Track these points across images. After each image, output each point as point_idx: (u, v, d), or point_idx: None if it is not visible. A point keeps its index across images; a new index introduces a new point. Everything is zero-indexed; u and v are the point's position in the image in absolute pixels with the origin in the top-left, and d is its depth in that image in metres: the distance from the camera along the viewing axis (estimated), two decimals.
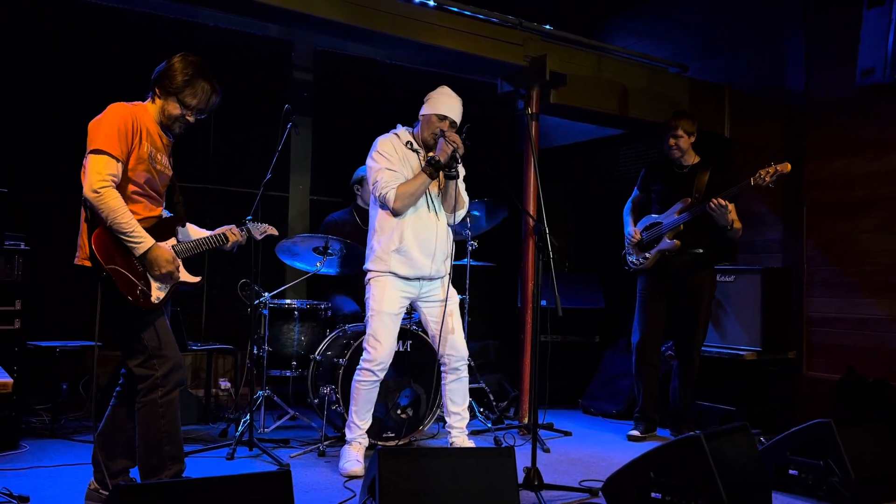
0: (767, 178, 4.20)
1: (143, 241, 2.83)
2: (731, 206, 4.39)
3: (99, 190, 2.73)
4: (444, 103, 3.74)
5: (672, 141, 4.59)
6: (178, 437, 2.95)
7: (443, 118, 3.71)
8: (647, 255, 4.61)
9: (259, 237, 3.48)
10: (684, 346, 4.62)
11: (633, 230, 4.72)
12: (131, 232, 2.79)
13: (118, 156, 2.79)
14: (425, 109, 3.78)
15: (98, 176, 2.74)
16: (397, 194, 3.61)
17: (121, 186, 2.85)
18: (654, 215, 4.70)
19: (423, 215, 3.72)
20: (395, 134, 3.82)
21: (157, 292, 2.88)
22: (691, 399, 4.68)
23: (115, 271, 2.78)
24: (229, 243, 3.22)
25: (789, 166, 4.21)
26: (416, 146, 3.78)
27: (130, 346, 2.90)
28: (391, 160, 3.67)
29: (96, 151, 2.77)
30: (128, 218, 2.79)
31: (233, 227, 3.27)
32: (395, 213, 3.67)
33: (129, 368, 2.94)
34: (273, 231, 3.55)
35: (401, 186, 3.63)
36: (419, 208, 3.71)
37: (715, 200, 4.30)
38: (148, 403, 2.88)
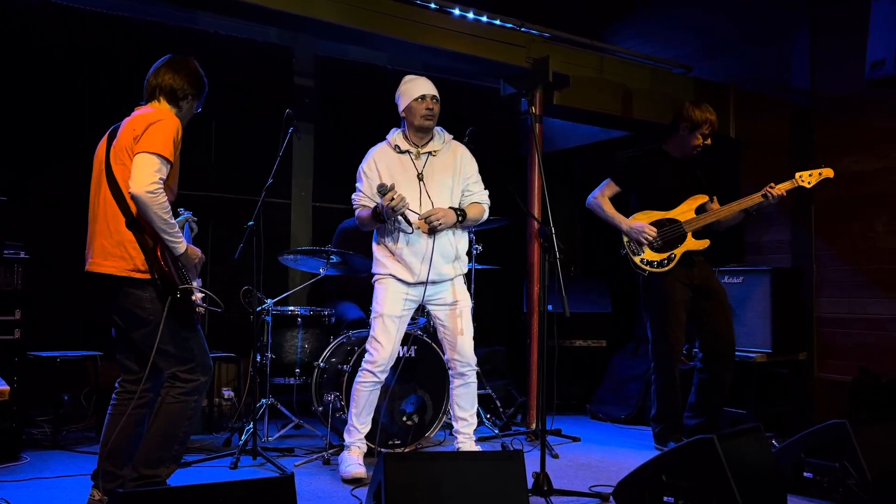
0: (813, 181, 4.18)
1: (182, 239, 2.88)
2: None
3: (154, 190, 2.74)
4: (416, 86, 3.73)
5: (700, 140, 4.31)
6: (186, 442, 3.02)
7: (422, 98, 3.70)
8: (673, 254, 4.29)
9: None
10: (726, 348, 4.35)
11: (645, 227, 4.30)
12: (176, 231, 2.85)
13: (172, 160, 2.84)
14: (402, 103, 3.76)
15: (153, 177, 2.75)
16: (357, 216, 3.81)
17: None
18: (653, 211, 4.36)
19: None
20: (387, 141, 3.82)
21: (197, 296, 2.95)
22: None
23: (186, 289, 2.85)
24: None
25: (832, 172, 4.18)
26: (405, 147, 3.76)
27: (180, 354, 2.91)
28: (364, 181, 3.76)
29: (152, 153, 2.78)
30: (172, 218, 2.84)
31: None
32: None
33: (162, 372, 2.93)
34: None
35: (359, 212, 3.78)
36: (412, 215, 3.67)
37: (776, 192, 4.17)
38: (181, 403, 2.90)
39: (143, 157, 2.78)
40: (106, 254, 2.86)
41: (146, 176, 2.74)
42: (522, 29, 4.90)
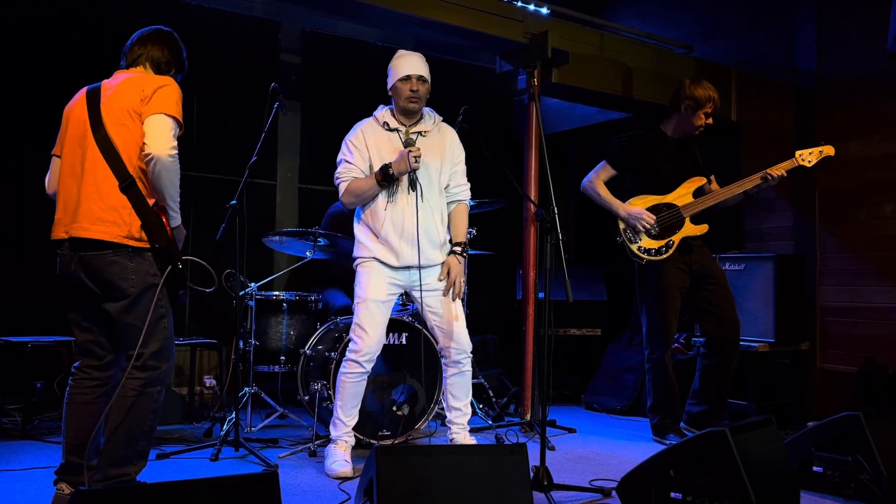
0: (813, 160, 4.06)
1: (179, 212, 2.79)
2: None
3: (174, 155, 2.66)
4: (403, 64, 3.53)
5: (703, 119, 4.17)
6: (153, 436, 2.80)
7: (406, 78, 3.50)
8: (671, 241, 4.14)
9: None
10: (731, 332, 4.18)
11: (643, 213, 4.15)
12: (179, 202, 2.75)
13: (182, 128, 2.75)
14: (389, 81, 3.59)
15: (172, 140, 2.67)
16: (347, 189, 3.52)
17: None
18: (650, 196, 4.21)
19: (402, 202, 3.49)
20: (375, 117, 3.63)
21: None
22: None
23: (186, 260, 2.76)
24: None
25: (833, 150, 4.08)
26: (393, 125, 3.56)
27: (152, 332, 2.70)
28: (353, 153, 3.54)
29: (169, 115, 2.68)
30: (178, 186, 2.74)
31: None
32: (344, 206, 3.62)
33: (128, 355, 2.72)
34: None
35: (353, 182, 3.51)
36: (397, 195, 3.49)
37: (776, 172, 4.05)
38: (146, 395, 2.70)
39: (160, 118, 2.65)
40: (94, 218, 2.65)
41: (167, 139, 2.64)
42: (520, 3, 4.70)
